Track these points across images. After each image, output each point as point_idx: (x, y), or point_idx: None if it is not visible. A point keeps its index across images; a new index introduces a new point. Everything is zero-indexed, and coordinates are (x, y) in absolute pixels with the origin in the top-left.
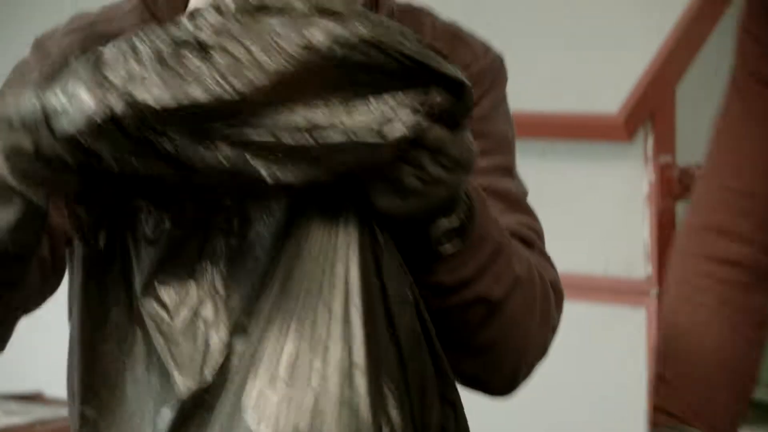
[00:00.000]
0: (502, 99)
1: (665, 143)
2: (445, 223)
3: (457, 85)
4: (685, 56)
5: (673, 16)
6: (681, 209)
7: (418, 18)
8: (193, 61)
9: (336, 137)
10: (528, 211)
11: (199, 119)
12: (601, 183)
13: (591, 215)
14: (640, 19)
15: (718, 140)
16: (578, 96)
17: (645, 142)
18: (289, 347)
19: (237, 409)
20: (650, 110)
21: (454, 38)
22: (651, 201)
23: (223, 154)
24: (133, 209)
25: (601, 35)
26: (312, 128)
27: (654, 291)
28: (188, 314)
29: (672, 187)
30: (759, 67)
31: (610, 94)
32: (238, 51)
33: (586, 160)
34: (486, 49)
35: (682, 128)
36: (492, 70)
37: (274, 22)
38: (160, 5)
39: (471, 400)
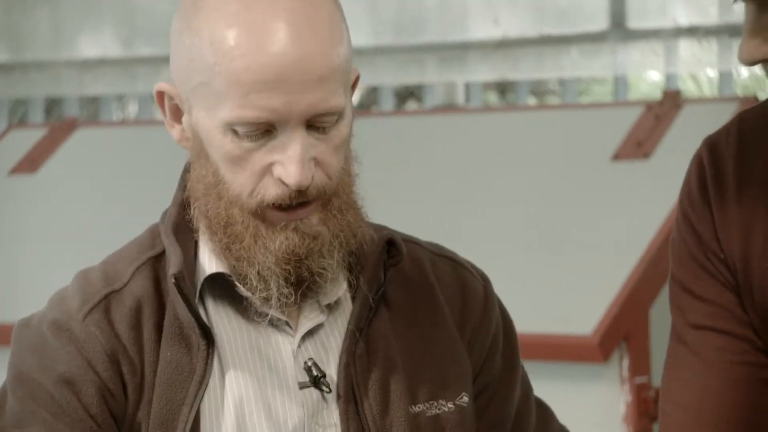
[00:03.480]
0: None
1: (640, 364)
2: None
3: None
4: (658, 278)
5: (646, 238)
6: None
7: (413, 251)
8: None
9: None
10: None
11: None
12: (578, 404)
13: None
14: (613, 241)
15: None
16: (553, 317)
17: (620, 364)
18: None
19: None
20: (624, 332)
21: (461, 283)
22: (628, 422)
23: None
24: None
25: (574, 257)
26: None
27: None
28: None
29: (648, 407)
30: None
31: (583, 316)
32: None
33: (563, 381)
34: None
35: (656, 349)
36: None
37: None
38: (184, 277)
39: None
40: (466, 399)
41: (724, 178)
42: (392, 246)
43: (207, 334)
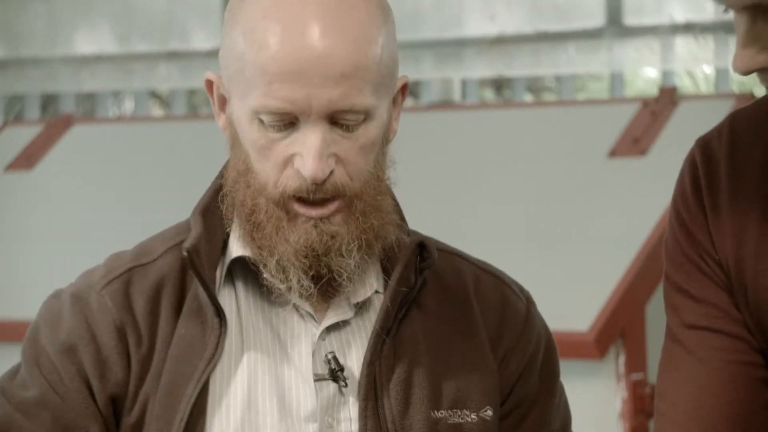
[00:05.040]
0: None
1: (636, 361)
2: None
3: None
4: (654, 275)
5: (642, 235)
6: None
7: (456, 264)
8: None
9: None
10: None
11: None
12: (575, 400)
13: None
14: (610, 237)
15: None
16: (549, 314)
17: (616, 360)
18: None
19: None
20: (621, 329)
21: (502, 299)
22: (624, 418)
23: None
24: None
25: (571, 254)
26: None
27: None
28: None
29: (644, 404)
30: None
31: (580, 312)
32: None
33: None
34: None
35: (653, 346)
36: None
37: None
38: (199, 252)
39: None
40: (490, 413)
41: (716, 179)
42: (424, 249)
43: (220, 312)
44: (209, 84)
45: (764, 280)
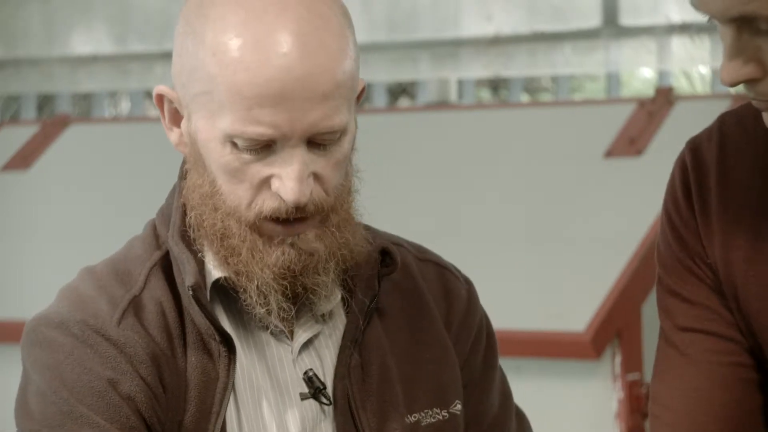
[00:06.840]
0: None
1: (633, 361)
2: None
3: None
4: (650, 275)
5: (638, 235)
6: None
7: (403, 256)
8: None
9: None
10: None
11: None
12: (571, 400)
13: None
14: (606, 238)
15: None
16: (546, 314)
17: (613, 360)
18: None
19: None
20: (617, 329)
21: (445, 286)
22: (620, 418)
23: None
24: None
25: (567, 254)
26: None
27: None
28: None
29: (641, 404)
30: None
31: (576, 313)
32: None
33: (556, 378)
34: (469, 296)
35: (649, 346)
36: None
37: None
38: (201, 287)
39: None
40: (459, 407)
41: (706, 184)
42: (386, 255)
43: (228, 341)
44: (159, 98)
45: (754, 287)
